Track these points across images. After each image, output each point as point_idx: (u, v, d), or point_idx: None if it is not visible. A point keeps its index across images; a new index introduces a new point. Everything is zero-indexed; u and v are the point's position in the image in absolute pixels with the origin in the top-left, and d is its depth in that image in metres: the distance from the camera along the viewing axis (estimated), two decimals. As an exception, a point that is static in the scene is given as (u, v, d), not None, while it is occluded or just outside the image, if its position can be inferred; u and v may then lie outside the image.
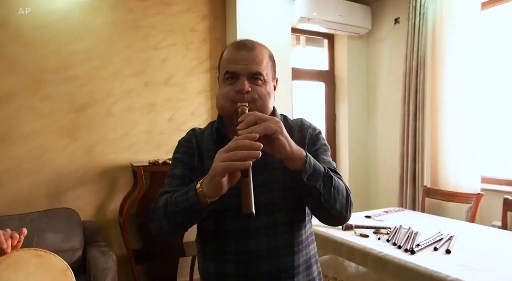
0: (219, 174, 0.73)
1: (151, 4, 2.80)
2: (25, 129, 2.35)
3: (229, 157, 0.72)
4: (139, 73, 2.76)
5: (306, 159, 0.80)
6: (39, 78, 2.41)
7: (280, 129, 0.77)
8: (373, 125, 3.62)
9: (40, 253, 1.01)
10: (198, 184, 0.79)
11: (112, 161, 2.64)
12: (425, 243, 1.55)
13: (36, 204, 2.33)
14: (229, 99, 0.91)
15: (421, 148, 2.87)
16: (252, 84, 0.91)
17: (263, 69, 0.92)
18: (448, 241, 1.61)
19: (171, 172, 0.98)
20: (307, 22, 3.14)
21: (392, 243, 1.60)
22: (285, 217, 0.91)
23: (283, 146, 0.77)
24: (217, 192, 0.76)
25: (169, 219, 0.84)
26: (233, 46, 0.96)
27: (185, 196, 0.81)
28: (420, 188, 2.78)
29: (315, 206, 0.86)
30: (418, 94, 2.88)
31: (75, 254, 2.09)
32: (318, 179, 0.81)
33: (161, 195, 0.91)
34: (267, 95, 0.93)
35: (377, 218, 2.12)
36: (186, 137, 1.04)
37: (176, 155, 1.00)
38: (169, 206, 0.84)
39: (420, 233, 1.73)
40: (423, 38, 2.85)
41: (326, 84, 3.69)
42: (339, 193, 0.85)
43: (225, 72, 0.93)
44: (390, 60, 3.39)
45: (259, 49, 0.94)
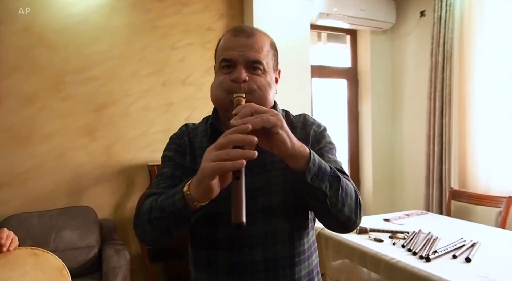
0: (207, 176, 0.63)
1: (169, 5, 2.82)
2: (47, 129, 2.44)
3: (219, 156, 0.63)
4: (157, 73, 2.79)
5: (310, 156, 0.71)
6: (60, 79, 2.49)
7: (280, 122, 0.68)
8: (398, 123, 3.46)
9: (37, 252, 1.02)
10: (186, 186, 0.70)
11: (129, 160, 2.68)
12: (443, 250, 1.45)
13: (57, 201, 2.41)
14: (224, 89, 0.81)
15: (448, 147, 2.70)
16: (250, 73, 0.81)
17: (263, 57, 0.83)
18: (470, 248, 1.49)
19: (160, 171, 0.89)
20: (327, 18, 3.05)
21: (407, 249, 1.51)
22: (285, 224, 0.82)
23: (283, 142, 0.68)
24: (206, 196, 0.67)
25: (153, 225, 0.76)
26: (230, 32, 0.88)
27: (171, 200, 0.72)
28: (447, 190, 2.63)
29: (320, 211, 0.77)
30: (445, 90, 2.72)
31: (91, 251, 2.13)
32: (323, 179, 0.72)
33: (147, 198, 0.83)
34: (267, 85, 0.83)
35: (396, 222, 2.01)
36: (177, 133, 0.95)
37: (166, 153, 0.92)
38: (154, 211, 0.75)
39: (441, 239, 1.62)
40: (449, 30, 2.68)
41: (349, 82, 3.58)
42: (347, 195, 0.75)
43: (221, 60, 0.84)
44: (416, 56, 3.23)
45: (259, 36, 0.85)
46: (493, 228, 1.91)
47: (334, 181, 0.73)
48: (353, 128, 3.59)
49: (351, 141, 3.57)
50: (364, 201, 3.54)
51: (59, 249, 2.04)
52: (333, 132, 0.98)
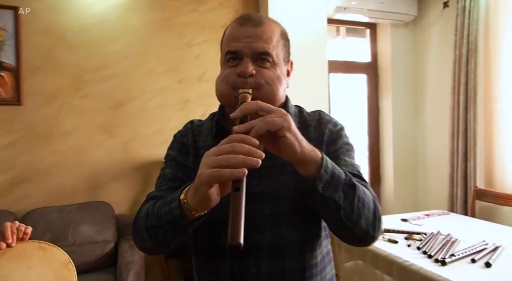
0: (204, 184, 0.57)
1: (184, 3, 2.83)
2: (67, 126, 2.51)
3: (217, 162, 0.56)
4: (173, 70, 2.81)
5: (322, 162, 0.63)
6: (80, 78, 2.55)
7: (287, 123, 0.60)
8: (421, 119, 3.34)
9: (44, 246, 1.04)
10: (183, 193, 0.63)
11: (146, 157, 2.72)
12: (461, 253, 1.37)
13: (76, 196, 2.48)
14: (229, 84, 0.75)
15: (473, 144, 2.57)
16: (258, 66, 0.74)
17: (272, 48, 0.75)
18: (491, 252, 1.40)
19: (162, 172, 0.83)
20: (344, 12, 2.98)
21: (423, 252, 1.44)
22: (294, 234, 0.75)
23: (291, 146, 0.60)
24: (204, 205, 0.60)
25: (150, 233, 0.70)
26: (236, 21, 0.80)
27: (167, 207, 0.66)
28: (472, 189, 2.50)
29: (333, 223, 0.70)
30: (469, 83, 2.58)
31: (107, 246, 2.18)
32: (337, 188, 0.64)
33: (146, 201, 0.77)
34: (277, 80, 0.75)
35: (414, 222, 1.93)
36: (182, 130, 0.89)
37: (169, 152, 0.86)
38: (150, 218, 0.69)
39: (460, 241, 1.53)
40: (474, 21, 2.54)
41: (369, 77, 3.48)
42: (364, 206, 0.67)
43: (226, 52, 0.76)
44: (439, 48, 3.10)
45: (267, 24, 0.77)
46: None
47: (349, 190, 0.65)
48: (373, 124, 3.49)
49: (371, 138, 3.47)
50: (385, 200, 3.44)
51: (77, 243, 2.10)
52: (352, 129, 0.88)
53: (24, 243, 1.02)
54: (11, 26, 2.31)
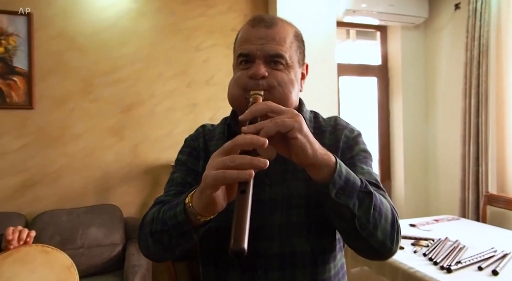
0: (209, 186, 0.54)
1: (193, 7, 2.86)
2: (77, 129, 2.56)
3: (223, 163, 0.53)
4: (181, 74, 2.84)
5: (336, 167, 0.59)
6: (90, 81, 2.60)
7: (298, 124, 0.56)
8: (432, 122, 3.28)
9: (47, 249, 1.06)
10: (188, 197, 0.61)
11: (155, 160, 2.75)
12: (468, 261, 1.34)
13: (86, 199, 2.52)
14: (240, 87, 0.72)
15: (485, 148, 2.52)
16: (271, 68, 0.72)
17: (286, 50, 0.73)
18: (499, 259, 1.37)
19: (171, 176, 0.81)
20: (353, 15, 2.95)
21: (429, 258, 1.41)
22: (306, 245, 0.71)
23: (302, 148, 0.57)
24: (209, 209, 0.57)
25: (155, 239, 0.67)
26: (248, 22, 0.78)
27: (172, 211, 0.63)
28: (483, 194, 2.44)
29: (347, 233, 0.66)
30: (481, 86, 2.53)
31: (115, 249, 2.20)
32: (351, 195, 0.60)
33: (153, 206, 0.75)
34: (289, 82, 0.73)
35: (422, 228, 1.90)
36: (193, 134, 0.87)
37: (179, 156, 0.84)
38: (156, 223, 0.67)
39: (468, 248, 1.50)
40: (485, 23, 2.49)
41: (379, 79, 3.44)
42: (381, 216, 0.63)
43: (238, 55, 0.74)
44: (450, 51, 3.04)
45: (280, 25, 0.75)
46: (532, 237, 1.74)
47: (365, 198, 0.61)
48: (384, 127, 3.45)
49: (381, 141, 3.43)
50: (395, 205, 3.35)
51: (86, 245, 2.13)
52: (363, 132, 0.86)
53: (28, 247, 1.05)
54: (24, 31, 2.37)
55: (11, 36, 2.34)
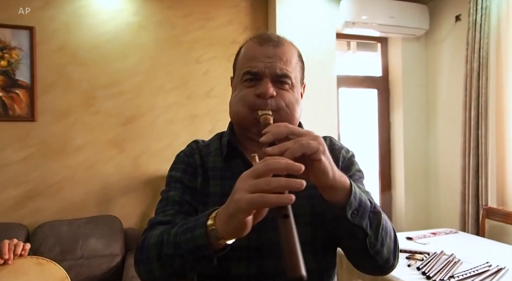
0: (244, 211, 0.52)
1: (193, 20, 2.91)
2: (78, 142, 2.59)
3: (258, 187, 0.51)
4: (182, 86, 2.87)
5: (351, 189, 0.61)
6: (91, 94, 2.64)
7: (322, 147, 0.57)
8: (433, 134, 3.27)
9: (41, 261, 1.07)
10: (210, 219, 0.58)
11: (155, 171, 2.77)
12: (461, 275, 1.34)
13: (86, 210, 2.54)
14: (247, 105, 0.72)
15: (484, 161, 2.50)
16: (277, 88, 0.73)
17: (292, 70, 0.74)
18: (493, 274, 1.36)
19: (165, 195, 0.77)
20: (353, 27, 2.97)
21: (422, 272, 1.40)
22: (313, 262, 0.70)
23: (325, 171, 0.57)
24: (238, 233, 0.55)
25: (163, 263, 0.63)
26: (254, 40, 0.77)
27: (189, 235, 0.59)
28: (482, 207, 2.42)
29: (356, 251, 0.67)
30: (480, 99, 2.53)
31: (115, 259, 2.21)
32: (364, 216, 0.62)
33: (151, 227, 0.71)
34: (295, 103, 0.74)
35: (419, 241, 1.89)
36: (186, 150, 0.84)
37: (172, 173, 0.81)
38: (166, 246, 0.62)
39: (463, 262, 1.49)
40: (485, 35, 2.50)
41: (379, 91, 3.45)
42: (387, 234, 0.66)
43: (244, 72, 0.74)
44: (451, 63, 3.05)
45: (287, 45, 0.76)
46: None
47: (374, 218, 0.64)
48: (384, 139, 3.44)
49: (382, 153, 3.42)
50: (396, 217, 3.37)
51: (85, 256, 2.15)
52: (363, 145, 0.87)
53: (22, 259, 1.06)
54: (27, 45, 2.43)
55: (14, 50, 2.40)
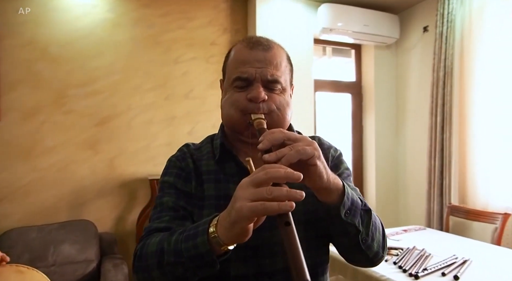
0: (246, 218, 0.54)
1: (172, 19, 2.87)
2: (49, 143, 2.48)
3: (259, 195, 0.53)
4: (160, 87, 2.83)
5: (344, 190, 0.64)
6: (63, 93, 2.53)
7: (317, 152, 0.60)
8: (402, 137, 3.44)
9: (21, 269, 1.03)
10: (211, 227, 0.59)
11: (132, 174, 2.71)
12: (433, 268, 1.45)
13: (58, 215, 2.44)
14: (240, 109, 0.74)
15: (448, 163, 2.68)
16: (268, 91, 0.74)
17: (281, 74, 0.76)
18: (460, 265, 1.48)
19: (159, 201, 0.77)
20: (330, 33, 3.07)
21: (398, 266, 1.50)
22: (306, 258, 0.68)
23: (320, 175, 0.60)
24: (240, 240, 0.57)
25: (164, 271, 0.63)
26: (244, 44, 0.78)
27: (190, 242, 0.60)
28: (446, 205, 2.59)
29: (348, 247, 0.71)
30: (446, 105, 2.71)
31: (90, 265, 2.14)
32: (356, 214, 0.66)
33: (148, 234, 0.71)
34: (286, 105, 0.76)
35: (392, 238, 1.99)
36: (178, 154, 0.83)
37: (165, 178, 0.79)
38: (167, 254, 0.63)
39: (433, 256, 1.61)
40: (450, 46, 2.68)
41: (353, 96, 3.58)
42: (376, 230, 0.70)
43: (235, 77, 0.75)
44: (419, 70, 3.23)
45: (276, 49, 0.78)
46: (487, 244, 1.89)
47: (365, 216, 0.68)
48: (357, 142, 3.57)
49: (355, 155, 3.55)
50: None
51: (58, 263, 2.06)
52: (338, 147, 0.91)
53: (1, 267, 1.01)
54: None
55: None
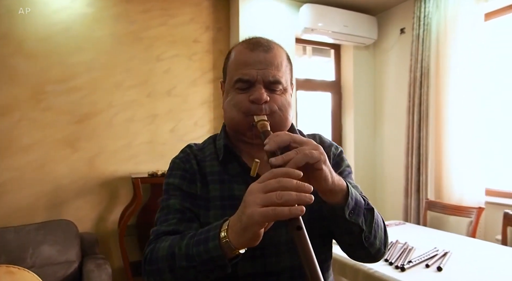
0: (257, 223, 0.55)
1: (154, 16, 2.83)
2: (26, 140, 2.39)
3: (269, 200, 0.54)
4: (142, 84, 2.79)
5: (348, 190, 0.66)
6: (41, 89, 2.45)
7: (323, 156, 0.61)
8: (380, 135, 3.56)
9: (12, 270, 1.00)
10: (223, 232, 0.60)
11: (113, 172, 2.66)
12: (417, 260, 1.51)
13: (35, 215, 2.36)
14: (242, 111, 0.74)
15: (425, 160, 2.80)
16: (270, 92, 0.75)
17: (282, 74, 0.76)
18: (442, 257, 1.55)
19: (165, 203, 0.77)
20: (311, 33, 3.12)
21: (384, 259, 1.55)
22: None
23: (325, 178, 0.61)
24: (251, 243, 0.58)
25: (176, 275, 0.65)
26: (244, 45, 0.79)
27: (202, 247, 0.62)
28: (424, 201, 2.71)
29: (352, 245, 0.73)
30: (422, 105, 2.82)
31: (71, 266, 2.07)
32: (360, 214, 0.67)
33: (156, 237, 0.72)
34: (288, 106, 0.77)
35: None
36: (181, 156, 0.83)
37: (170, 180, 0.79)
38: (178, 259, 0.64)
39: (416, 249, 1.68)
40: (427, 48, 2.80)
41: (333, 95, 3.66)
42: (378, 227, 0.72)
43: (237, 79, 0.75)
44: (396, 71, 3.34)
45: (276, 49, 0.78)
46: (464, 237, 1.98)
47: (368, 214, 0.69)
48: (337, 139, 3.65)
49: (333, 152, 3.62)
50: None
51: (37, 265, 1.98)
52: None
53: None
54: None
55: None
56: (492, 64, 2.63)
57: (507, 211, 1.95)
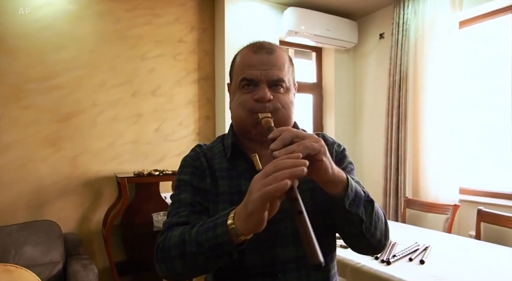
0: (259, 208, 0.58)
1: (139, 15, 2.82)
2: (6, 139, 2.33)
3: (266, 183, 0.58)
4: (126, 83, 2.77)
5: (348, 182, 0.69)
6: (22, 87, 2.39)
7: (323, 148, 0.65)
8: (359, 136, 3.67)
9: (10, 268, 1.00)
10: (230, 219, 0.64)
11: (97, 172, 2.62)
12: (401, 254, 1.58)
13: (16, 216, 2.29)
14: (247, 109, 0.79)
15: (404, 160, 2.92)
16: (273, 92, 0.80)
17: (285, 74, 0.81)
18: (423, 251, 1.64)
19: (177, 198, 0.81)
20: (295, 35, 3.19)
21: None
22: None
23: (326, 169, 0.65)
24: (256, 229, 0.61)
25: (187, 261, 0.68)
26: (248, 48, 0.84)
27: (210, 233, 0.65)
28: (402, 199, 2.83)
29: (353, 236, 0.76)
30: (401, 107, 2.95)
31: (55, 267, 2.04)
32: (359, 205, 0.70)
33: (168, 229, 0.75)
34: (290, 104, 0.83)
35: (359, 230, 2.14)
36: (191, 154, 0.88)
37: (181, 177, 0.84)
38: (189, 245, 0.68)
39: (398, 244, 1.76)
40: (405, 53, 2.92)
41: (314, 96, 3.74)
42: (379, 219, 0.75)
43: (242, 79, 0.80)
44: (375, 74, 3.46)
45: (279, 51, 0.83)
46: (441, 233, 2.09)
47: (368, 206, 0.72)
48: (317, 140, 3.73)
49: (315, 153, 3.70)
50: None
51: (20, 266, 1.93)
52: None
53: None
54: None
55: None
56: (465, 69, 2.79)
57: (481, 208, 2.07)
